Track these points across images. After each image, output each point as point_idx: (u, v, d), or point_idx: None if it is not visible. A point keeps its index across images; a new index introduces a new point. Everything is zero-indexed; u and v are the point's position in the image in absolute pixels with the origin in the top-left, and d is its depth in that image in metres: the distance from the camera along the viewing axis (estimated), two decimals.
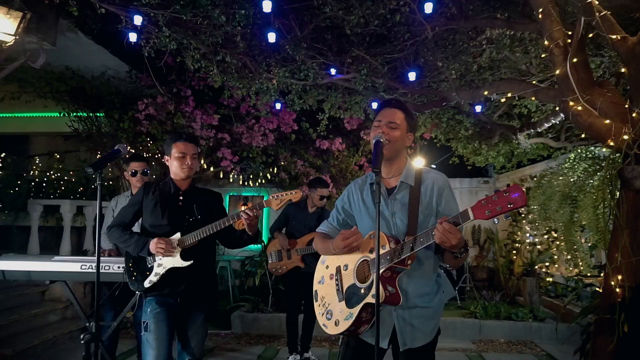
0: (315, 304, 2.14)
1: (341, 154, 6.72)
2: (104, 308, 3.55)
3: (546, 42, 2.33)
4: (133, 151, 6.24)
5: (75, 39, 4.77)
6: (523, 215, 7.39)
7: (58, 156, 8.85)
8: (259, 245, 6.75)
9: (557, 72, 2.29)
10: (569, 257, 6.03)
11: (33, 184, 8.62)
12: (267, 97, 3.92)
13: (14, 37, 3.11)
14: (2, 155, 8.77)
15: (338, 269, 2.07)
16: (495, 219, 1.63)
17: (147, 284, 2.50)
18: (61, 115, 6.43)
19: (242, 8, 2.92)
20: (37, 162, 8.87)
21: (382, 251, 1.86)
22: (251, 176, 6.98)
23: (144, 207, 2.59)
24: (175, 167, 2.54)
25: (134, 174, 3.50)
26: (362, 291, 1.92)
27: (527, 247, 7.16)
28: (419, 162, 6.32)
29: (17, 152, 9.17)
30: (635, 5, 2.38)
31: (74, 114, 6.35)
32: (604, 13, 1.91)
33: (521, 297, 6.29)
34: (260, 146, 5.88)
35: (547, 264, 6.42)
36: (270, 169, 6.71)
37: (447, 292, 2.02)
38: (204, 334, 2.64)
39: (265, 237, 6.70)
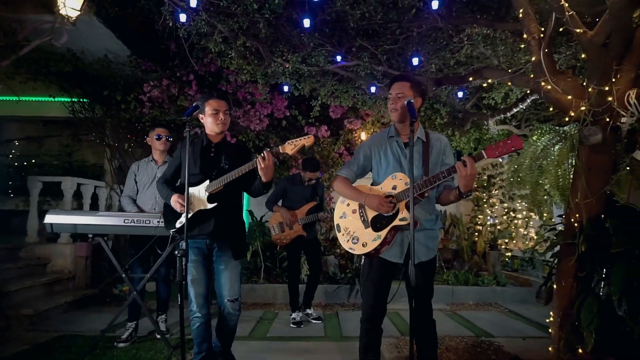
0: (339, 235, 2.67)
1: (325, 141, 7.27)
2: (134, 265, 3.90)
3: (525, 35, 3.01)
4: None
5: (86, 22, 4.99)
6: (485, 200, 8.27)
7: (38, 141, 8.86)
8: None
9: (533, 58, 2.98)
10: (525, 232, 6.93)
11: (11, 168, 8.58)
12: (283, 79, 4.41)
13: (78, 13, 3.43)
14: None
15: (361, 205, 2.61)
16: (501, 158, 2.27)
17: (177, 224, 2.86)
18: (54, 99, 6.54)
19: None
20: (16, 146, 8.80)
21: (405, 187, 2.47)
22: None
23: (182, 159, 2.85)
24: (210, 123, 2.80)
25: (159, 138, 3.93)
26: (389, 217, 2.49)
27: (489, 228, 8.03)
28: None
29: None
30: (592, 10, 3.13)
31: (68, 99, 6.48)
32: (571, 13, 2.60)
33: (485, 272, 7.08)
34: (255, 130, 6.33)
35: (506, 240, 7.28)
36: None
37: (440, 220, 2.66)
38: (237, 274, 2.87)
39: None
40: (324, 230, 7.59)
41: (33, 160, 8.55)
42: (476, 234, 8.20)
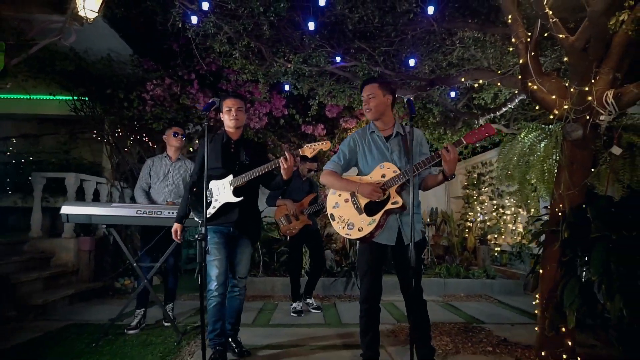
0: (334, 223, 2.88)
1: (322, 139, 7.49)
2: (142, 256, 4.07)
3: (513, 39, 3.26)
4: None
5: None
6: (475, 198, 8.54)
7: (35, 139, 8.94)
8: None
9: (521, 61, 3.22)
10: (513, 228, 7.20)
11: (9, 166, 8.63)
12: (285, 78, 4.62)
13: (96, 14, 3.59)
14: None
15: (353, 194, 2.84)
16: (477, 144, 2.52)
17: (207, 214, 3.07)
18: (54, 97, 6.65)
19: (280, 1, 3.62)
20: (13, 143, 8.85)
21: (393, 174, 2.70)
22: None
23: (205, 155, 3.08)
24: (226, 120, 3.14)
25: (175, 135, 4.17)
26: (382, 202, 2.71)
27: (479, 224, 8.30)
28: None
29: None
30: (574, 16, 3.39)
31: (69, 97, 6.60)
32: (554, 19, 2.85)
33: (475, 267, 7.34)
34: (254, 128, 6.51)
35: (495, 235, 7.56)
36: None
37: (421, 206, 2.97)
38: (249, 257, 3.25)
39: None
40: (319, 226, 7.80)
41: (30, 158, 8.61)
42: (466, 230, 8.47)
